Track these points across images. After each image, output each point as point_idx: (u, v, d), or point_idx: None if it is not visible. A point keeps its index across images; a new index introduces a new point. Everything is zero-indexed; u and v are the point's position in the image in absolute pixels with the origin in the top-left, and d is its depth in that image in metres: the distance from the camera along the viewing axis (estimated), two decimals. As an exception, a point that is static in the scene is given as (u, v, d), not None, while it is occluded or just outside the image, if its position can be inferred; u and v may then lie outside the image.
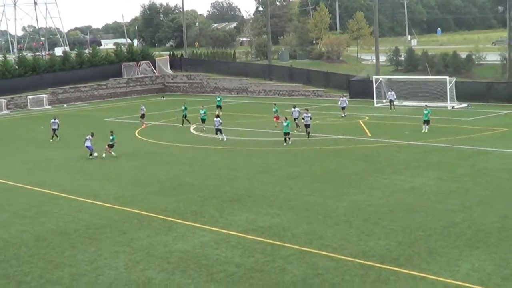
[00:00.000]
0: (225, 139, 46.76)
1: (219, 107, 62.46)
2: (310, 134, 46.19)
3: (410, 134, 45.68)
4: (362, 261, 21.04)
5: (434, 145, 41.72)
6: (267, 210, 28.00)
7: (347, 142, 44.36)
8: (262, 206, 28.61)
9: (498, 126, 48.54)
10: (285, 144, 44.00)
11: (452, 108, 60.74)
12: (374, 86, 65.99)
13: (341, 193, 30.42)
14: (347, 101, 58.60)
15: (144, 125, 57.98)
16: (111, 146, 43.23)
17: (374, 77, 68.26)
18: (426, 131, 45.92)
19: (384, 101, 65.04)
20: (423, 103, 61.94)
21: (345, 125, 52.97)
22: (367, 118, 56.36)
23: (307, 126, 46.33)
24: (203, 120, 53.42)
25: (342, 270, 20.37)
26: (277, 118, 51.38)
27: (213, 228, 25.57)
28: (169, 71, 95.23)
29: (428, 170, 34.47)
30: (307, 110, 47.51)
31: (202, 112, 54.03)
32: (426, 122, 46.61)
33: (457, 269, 20.01)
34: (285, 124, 44.19)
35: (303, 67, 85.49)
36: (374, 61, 79.68)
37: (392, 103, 61.89)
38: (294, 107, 51.80)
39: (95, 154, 43.22)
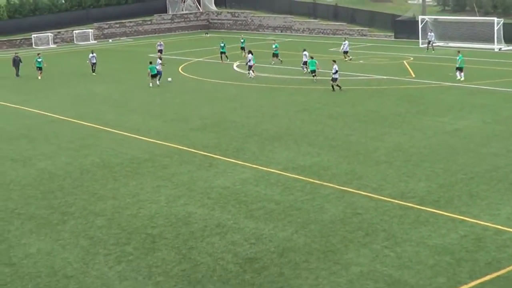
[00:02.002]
0: (252, 76, 46.88)
1: (275, 55, 59.29)
2: (338, 87, 40.71)
3: (453, 76, 44.83)
4: (401, 202, 20.89)
5: (479, 87, 41.00)
6: (308, 149, 27.91)
7: (390, 83, 43.82)
8: (303, 145, 28.52)
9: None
10: (315, 80, 44.30)
11: (499, 50, 59.41)
12: (420, 26, 64.71)
13: (382, 133, 30.14)
14: (347, 45, 55.30)
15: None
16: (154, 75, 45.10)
17: (420, 17, 66.81)
18: (462, 78, 43.45)
19: (431, 40, 63.69)
20: (469, 45, 60.78)
21: (389, 65, 52.21)
22: (412, 58, 55.49)
23: (334, 80, 40.73)
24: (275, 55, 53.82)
25: (381, 210, 20.28)
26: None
27: (253, 165, 25.62)
28: (213, 7, 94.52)
29: (472, 112, 33.97)
30: (334, 61, 41.20)
31: (274, 46, 54.89)
32: (459, 69, 43.90)
33: (497, 213, 19.76)
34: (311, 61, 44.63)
35: (348, 6, 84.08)
36: (421, 0, 77.86)
37: (430, 44, 60.54)
38: (303, 50, 49.96)
39: (169, 79, 46.08)
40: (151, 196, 22.68)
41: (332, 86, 40.89)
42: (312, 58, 45.52)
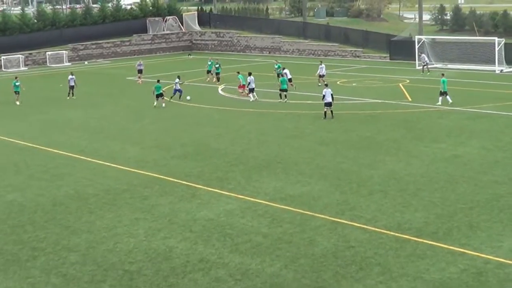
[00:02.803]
0: (253, 99, 47.90)
1: (212, 72, 59.77)
2: (332, 114, 40.40)
3: (454, 100, 45.07)
4: (397, 234, 20.96)
5: (479, 112, 41.31)
6: (297, 177, 27.98)
7: (385, 107, 44.13)
8: (292, 173, 28.60)
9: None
10: (281, 100, 46.53)
11: (501, 72, 59.97)
12: (417, 46, 65.31)
13: (377, 161, 30.30)
14: (325, 69, 55.56)
15: (140, 81, 61.19)
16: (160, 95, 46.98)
17: (417, 37, 67.48)
18: (441, 103, 43.49)
19: (423, 63, 64.26)
20: (469, 66, 61.25)
21: (384, 88, 52.63)
22: (408, 81, 55.94)
23: (328, 105, 40.25)
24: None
25: (376, 243, 20.32)
26: (243, 87, 50.67)
27: (239, 196, 25.66)
28: (197, 27, 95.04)
29: (472, 138, 34.21)
30: (326, 85, 41.59)
31: (276, 67, 57.07)
32: (445, 93, 43.70)
33: (499, 245, 19.84)
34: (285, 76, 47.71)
35: (340, 25, 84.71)
36: (417, 19, 78.65)
37: (425, 66, 60.92)
38: (283, 69, 52.83)
39: (188, 97, 48.93)
40: (129, 229, 22.61)
41: (325, 113, 40.45)
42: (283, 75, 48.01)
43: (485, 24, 78.82)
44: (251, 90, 48.18)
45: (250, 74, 49.24)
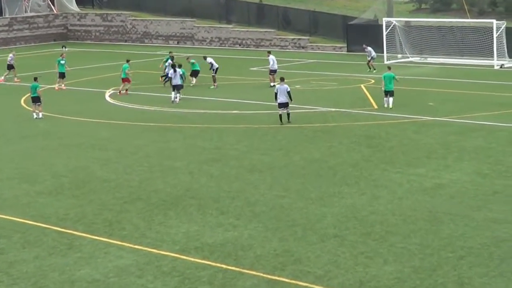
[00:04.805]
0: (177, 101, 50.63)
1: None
2: (289, 117, 42.94)
3: (437, 106, 45.67)
4: (359, 296, 21.02)
5: (471, 123, 41.63)
6: (219, 219, 27.84)
7: (341, 118, 44.29)
8: (212, 213, 28.46)
9: None
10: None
11: (501, 67, 60.96)
12: (385, 32, 65.95)
13: (330, 194, 30.25)
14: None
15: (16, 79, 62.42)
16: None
17: (385, 19, 68.18)
18: (391, 106, 45.55)
19: (399, 56, 65.06)
20: (458, 60, 61.91)
21: (340, 92, 52.94)
22: (373, 81, 56.36)
23: (283, 105, 42.75)
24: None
25: (330, 309, 20.36)
26: (128, 80, 53.75)
27: (137, 246, 25.42)
28: (74, 7, 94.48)
29: (461, 160, 34.37)
30: (282, 79, 43.86)
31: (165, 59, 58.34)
32: (389, 93, 45.81)
33: (501, 309, 20.04)
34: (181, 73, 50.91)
35: (278, 4, 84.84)
36: (385, -5, 79.67)
37: (370, 62, 61.96)
38: (205, 58, 56.94)
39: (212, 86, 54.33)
40: (-23, 298, 22.24)
41: (280, 116, 42.37)
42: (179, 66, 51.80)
43: (479, 2, 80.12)
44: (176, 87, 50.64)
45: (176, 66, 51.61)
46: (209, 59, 56.08)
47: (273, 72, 55.54)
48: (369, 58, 62.04)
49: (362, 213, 27.85)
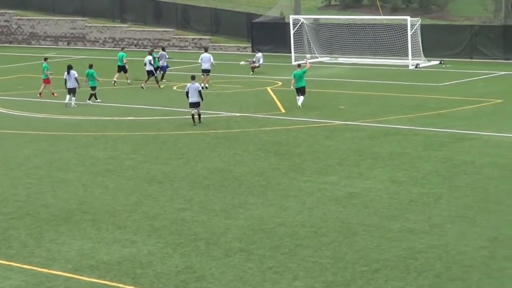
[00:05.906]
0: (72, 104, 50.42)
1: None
2: (200, 118, 44.30)
3: (348, 110, 45.22)
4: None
5: (385, 127, 42.03)
6: (115, 234, 27.21)
7: (246, 123, 44.34)
8: (107, 228, 27.81)
9: (487, 96, 49.15)
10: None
11: (416, 67, 61.94)
12: (292, 31, 66.12)
13: (235, 205, 29.91)
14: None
15: None
16: None
17: (292, 17, 68.43)
18: (299, 104, 46.14)
19: (308, 56, 64.73)
20: (370, 60, 62.27)
21: (245, 95, 53.20)
22: (280, 84, 56.59)
23: (193, 105, 43.98)
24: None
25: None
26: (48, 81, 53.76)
27: (25, 266, 24.50)
28: None
29: (375, 167, 34.41)
30: (193, 78, 44.89)
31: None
32: (299, 90, 46.43)
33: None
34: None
35: (176, 1, 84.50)
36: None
37: (254, 66, 62.19)
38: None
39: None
40: None
41: (192, 116, 43.68)
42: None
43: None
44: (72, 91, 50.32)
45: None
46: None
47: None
48: (256, 64, 62.27)
49: (270, 225, 27.68)
